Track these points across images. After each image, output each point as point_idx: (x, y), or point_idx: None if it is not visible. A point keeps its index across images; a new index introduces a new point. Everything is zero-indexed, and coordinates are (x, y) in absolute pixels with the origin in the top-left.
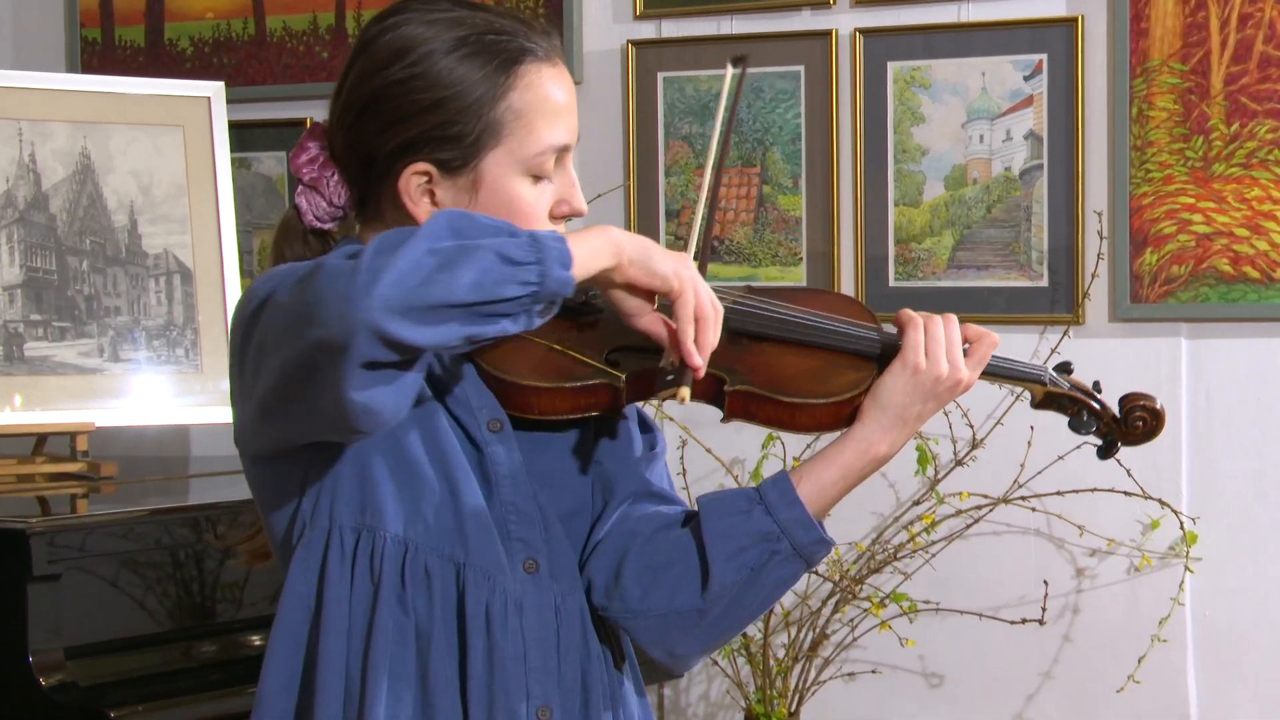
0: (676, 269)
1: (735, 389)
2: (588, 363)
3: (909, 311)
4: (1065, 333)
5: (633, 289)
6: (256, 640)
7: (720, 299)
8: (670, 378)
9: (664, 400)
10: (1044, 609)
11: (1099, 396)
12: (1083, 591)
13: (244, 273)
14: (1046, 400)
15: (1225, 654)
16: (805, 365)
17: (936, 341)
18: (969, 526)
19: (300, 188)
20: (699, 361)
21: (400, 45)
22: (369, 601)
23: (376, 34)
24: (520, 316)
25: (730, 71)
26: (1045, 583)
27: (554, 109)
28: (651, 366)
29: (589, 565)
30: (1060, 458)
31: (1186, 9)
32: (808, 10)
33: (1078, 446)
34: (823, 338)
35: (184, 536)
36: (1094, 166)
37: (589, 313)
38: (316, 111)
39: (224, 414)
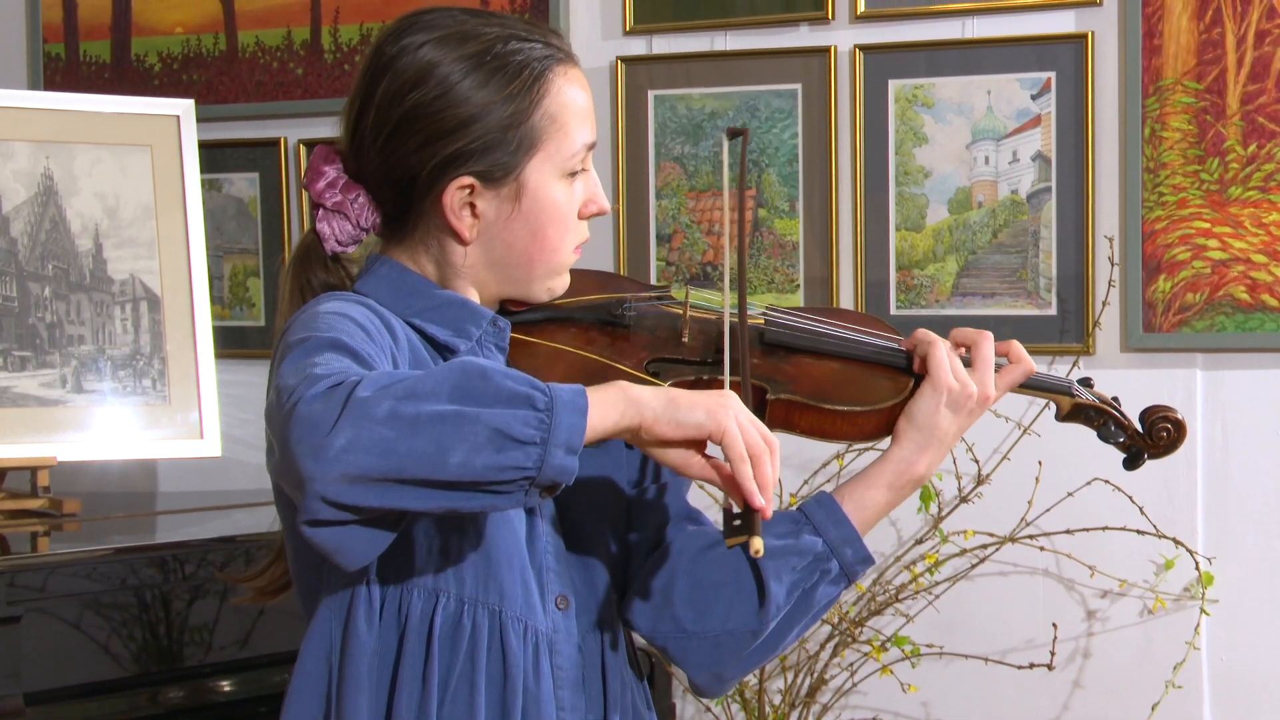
0: (711, 410)
1: (778, 398)
2: (627, 372)
3: (925, 331)
4: (1075, 363)
5: (668, 444)
6: (226, 686)
7: (750, 311)
8: (737, 523)
9: (733, 547)
10: (1053, 653)
11: (1121, 409)
12: (1094, 635)
13: (214, 299)
14: (1074, 412)
15: (1243, 701)
16: (844, 375)
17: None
18: (974, 566)
19: (322, 213)
20: (762, 502)
21: (428, 62)
22: (394, 655)
23: (395, 54)
24: (512, 497)
25: (726, 144)
26: (1054, 625)
27: (582, 109)
28: (690, 377)
29: (633, 589)
30: (1070, 494)
31: (1201, 25)
32: (805, 26)
33: (1088, 483)
34: (857, 350)
35: (150, 577)
36: (1105, 190)
37: (627, 322)
38: (291, 131)
39: (193, 448)
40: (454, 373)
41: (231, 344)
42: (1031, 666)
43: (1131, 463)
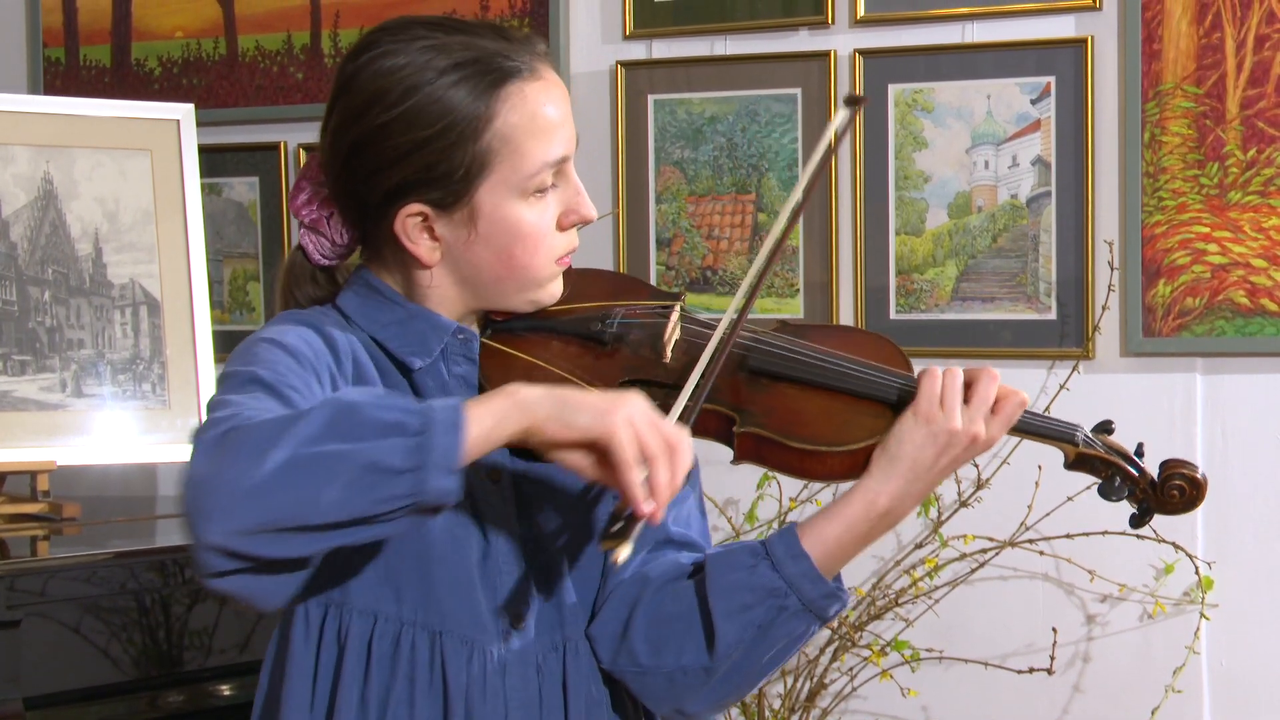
0: (599, 411)
1: (745, 430)
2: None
3: (933, 367)
4: (1074, 368)
5: (560, 446)
6: (225, 689)
7: (741, 334)
8: (616, 527)
9: (604, 550)
10: (1053, 658)
11: (1138, 461)
12: (1093, 639)
13: (214, 303)
14: (1079, 462)
15: (1243, 706)
16: (823, 409)
17: (954, 393)
18: (974, 571)
19: (302, 229)
20: (647, 509)
21: (377, 86)
22: (331, 677)
23: (353, 73)
24: (398, 523)
25: (842, 113)
26: (1054, 630)
27: (543, 126)
28: (663, 403)
29: (598, 618)
30: (1069, 499)
31: (1201, 30)
32: (805, 30)
33: (1088, 487)
34: (844, 381)
35: (150, 581)
36: (1104, 194)
37: (608, 341)
38: (290, 135)
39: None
40: (325, 411)
41: (231, 348)
42: (1031, 671)
43: (1138, 520)
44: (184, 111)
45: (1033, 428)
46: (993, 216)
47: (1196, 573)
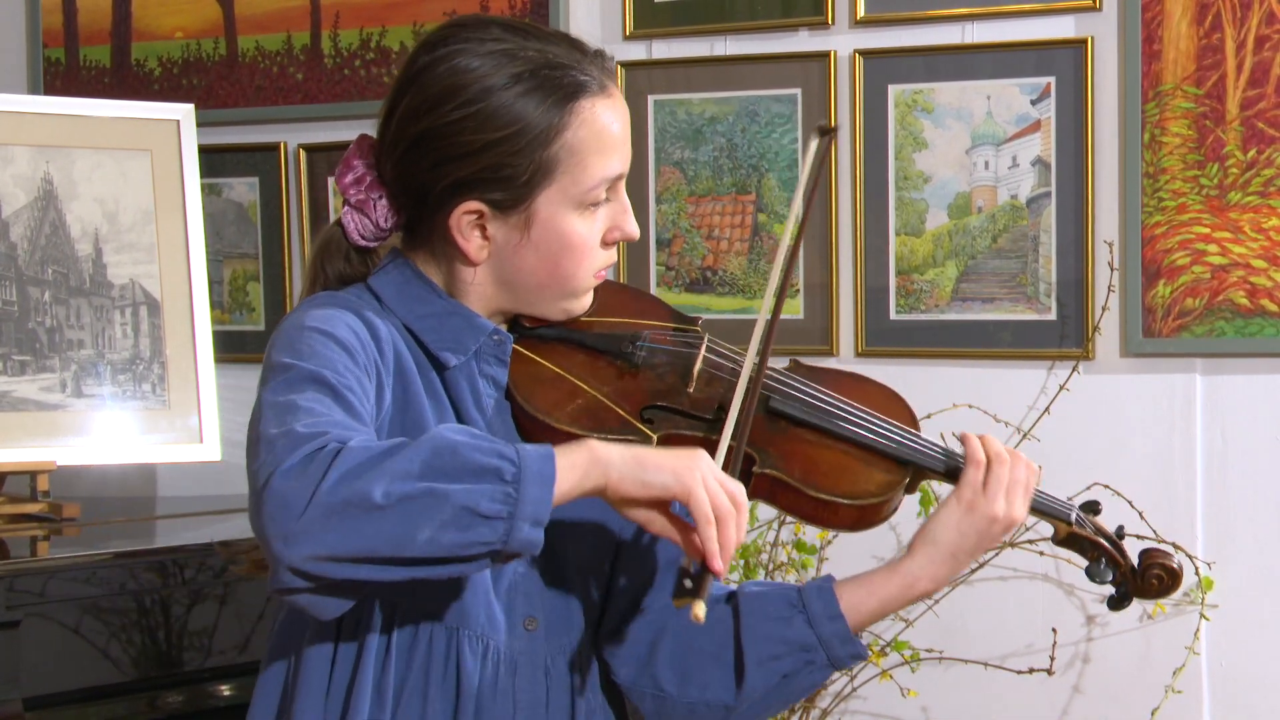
0: (678, 472)
1: (764, 471)
2: (622, 415)
3: (974, 443)
4: (1074, 369)
5: (634, 503)
6: (225, 690)
7: (765, 376)
8: (688, 584)
9: (680, 608)
10: (1053, 658)
11: (1119, 544)
12: (1093, 640)
13: (214, 304)
14: (1069, 540)
15: (1243, 706)
16: (841, 461)
17: (997, 480)
18: (974, 571)
19: (346, 207)
20: (721, 565)
21: (453, 82)
22: (351, 664)
23: (428, 64)
24: (479, 564)
25: (815, 142)
26: (1054, 630)
27: (608, 143)
28: (684, 433)
29: (619, 637)
30: (1069, 499)
31: (1201, 30)
32: (805, 31)
33: (1088, 488)
34: (861, 439)
35: (150, 581)
36: (1104, 194)
37: (635, 361)
38: (290, 135)
39: (192, 452)
40: (425, 449)
41: (231, 348)
42: (1031, 671)
43: (1117, 604)
44: (184, 112)
45: (1035, 503)
46: (993, 217)
47: (1196, 573)
